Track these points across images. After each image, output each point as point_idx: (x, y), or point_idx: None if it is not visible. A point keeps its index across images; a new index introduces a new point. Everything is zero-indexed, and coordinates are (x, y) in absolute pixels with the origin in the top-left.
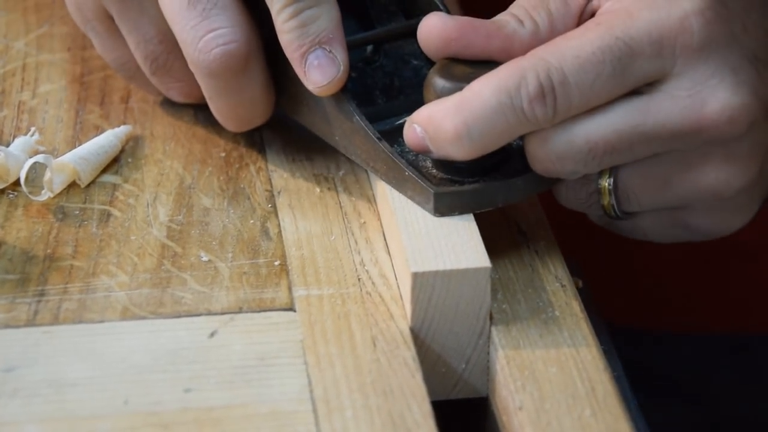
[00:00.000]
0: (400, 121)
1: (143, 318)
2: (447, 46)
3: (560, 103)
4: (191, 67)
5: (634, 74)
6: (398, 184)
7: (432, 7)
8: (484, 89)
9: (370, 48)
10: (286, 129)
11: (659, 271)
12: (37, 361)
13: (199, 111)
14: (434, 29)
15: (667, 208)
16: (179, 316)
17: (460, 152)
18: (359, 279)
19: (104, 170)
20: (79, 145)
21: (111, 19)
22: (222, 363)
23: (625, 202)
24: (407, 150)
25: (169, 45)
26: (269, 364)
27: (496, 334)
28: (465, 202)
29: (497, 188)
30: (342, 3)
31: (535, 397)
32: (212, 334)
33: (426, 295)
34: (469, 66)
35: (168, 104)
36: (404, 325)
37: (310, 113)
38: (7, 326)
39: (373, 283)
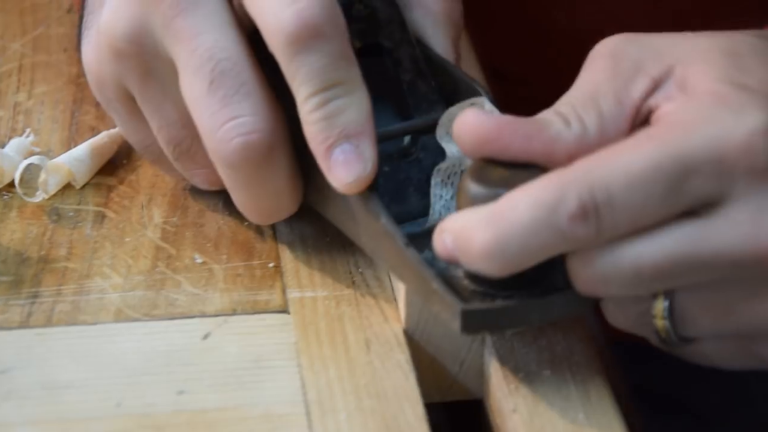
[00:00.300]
0: (434, 223)
1: (137, 320)
2: (483, 147)
3: (604, 224)
4: (211, 157)
5: (689, 195)
6: (425, 296)
7: (475, 94)
8: (520, 203)
9: (407, 139)
10: None
11: None
12: (31, 363)
13: None
14: (470, 128)
15: (734, 336)
16: (173, 318)
17: (491, 269)
18: (353, 281)
19: (99, 172)
20: (74, 147)
21: (133, 100)
22: (216, 365)
23: (682, 327)
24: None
25: (192, 130)
26: (263, 366)
27: (490, 336)
28: (495, 321)
29: (532, 307)
30: (378, 90)
31: (528, 400)
32: (206, 336)
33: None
34: (508, 169)
35: None
36: (398, 328)
37: (335, 209)
38: (0, 328)
39: (367, 285)
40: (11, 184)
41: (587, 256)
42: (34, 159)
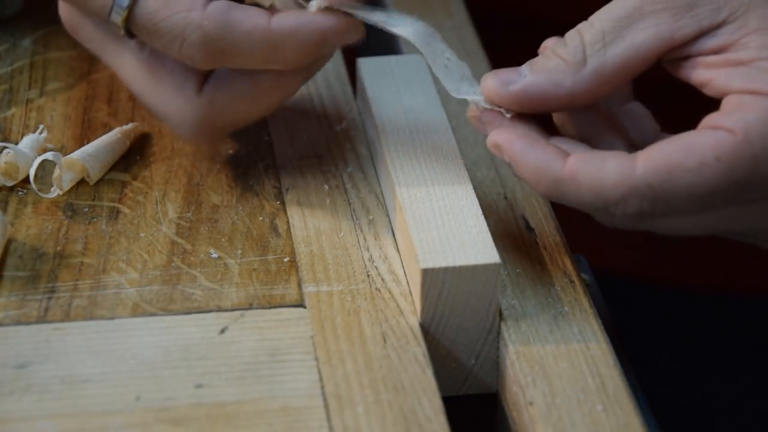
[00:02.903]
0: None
1: (154, 314)
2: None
3: (654, 227)
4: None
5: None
6: None
7: None
8: (584, 188)
9: None
10: (293, 127)
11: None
12: (49, 357)
13: None
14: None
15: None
16: (189, 313)
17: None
18: (368, 275)
19: (113, 168)
20: (87, 143)
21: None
22: (233, 359)
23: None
24: None
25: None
26: (280, 360)
27: (506, 329)
28: None
29: None
30: None
31: (545, 393)
32: (223, 331)
33: (436, 291)
34: None
35: None
36: (414, 321)
37: None
38: (18, 323)
39: (382, 279)
40: (26, 181)
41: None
42: (48, 155)
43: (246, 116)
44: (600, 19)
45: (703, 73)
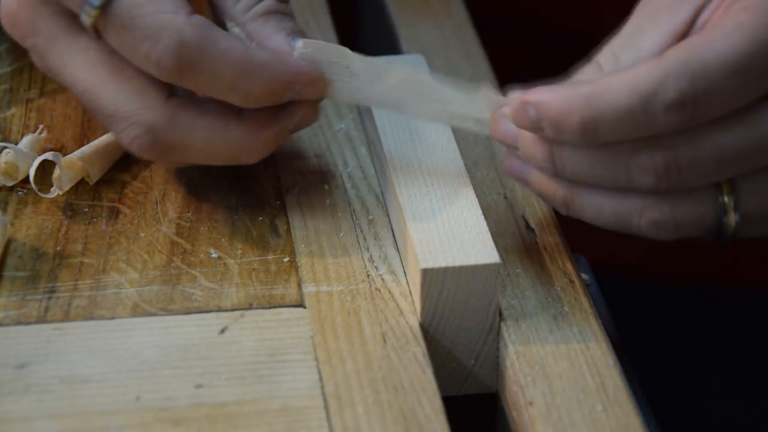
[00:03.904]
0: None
1: (154, 314)
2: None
3: (699, 113)
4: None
5: None
6: None
7: None
8: (618, 87)
9: None
10: None
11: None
12: (49, 357)
13: None
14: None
15: None
16: (189, 313)
17: (583, 143)
18: (368, 275)
19: (112, 168)
20: (87, 143)
21: None
22: (233, 359)
23: (746, 214)
24: None
25: None
26: (280, 360)
27: (506, 329)
28: None
29: None
30: None
31: (545, 393)
32: (222, 331)
33: (435, 291)
34: None
35: None
36: (414, 321)
37: None
38: (18, 323)
39: (382, 279)
40: (26, 181)
41: (670, 142)
42: (48, 155)
43: (197, 153)
44: (610, 43)
45: None
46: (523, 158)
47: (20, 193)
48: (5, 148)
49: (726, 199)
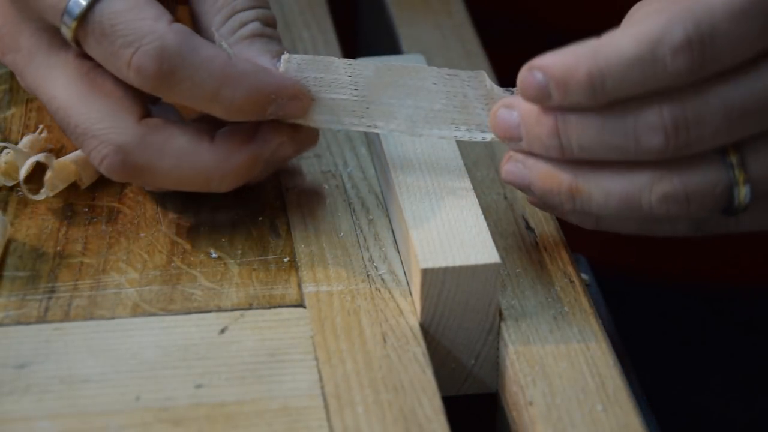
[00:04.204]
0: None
1: (154, 314)
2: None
3: (706, 57)
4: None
5: None
6: None
7: None
8: (623, 38)
9: None
10: None
11: (668, 267)
12: (49, 357)
13: None
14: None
15: None
16: (189, 313)
17: (590, 100)
18: (368, 275)
19: None
20: None
21: None
22: (233, 359)
23: (758, 185)
24: None
25: None
26: (280, 360)
27: (506, 329)
28: None
29: None
30: None
31: (545, 393)
32: (223, 331)
33: (435, 291)
34: None
35: None
36: (414, 321)
37: None
38: (18, 323)
39: (382, 279)
40: (26, 180)
41: (677, 96)
42: (40, 156)
43: (166, 175)
44: None
45: None
46: (526, 145)
47: (20, 193)
48: (5, 148)
49: (735, 168)
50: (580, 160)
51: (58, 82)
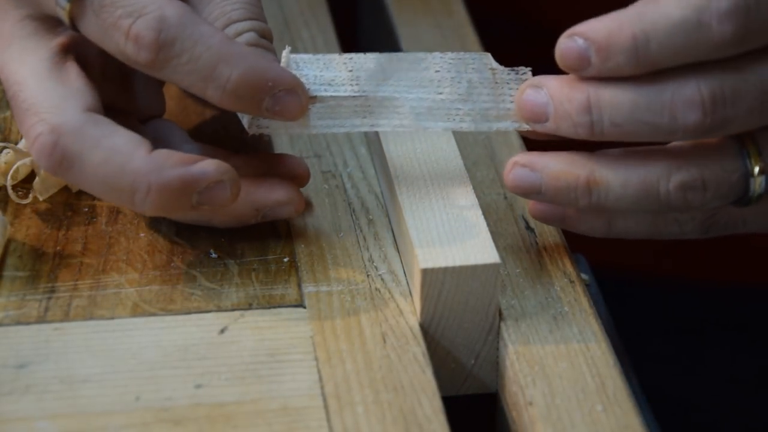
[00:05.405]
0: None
1: (153, 314)
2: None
3: (752, 26)
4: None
5: None
6: None
7: None
8: (669, 2)
9: None
10: None
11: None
12: (49, 357)
13: (206, 109)
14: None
15: None
16: (189, 313)
17: (629, 65)
18: (368, 275)
19: None
20: None
21: None
22: (233, 359)
23: None
24: None
25: None
26: (280, 360)
27: (506, 329)
28: None
29: None
30: None
31: (545, 393)
32: (222, 331)
33: (435, 291)
34: None
35: (174, 103)
36: (414, 321)
37: None
38: (18, 323)
39: (382, 279)
40: (26, 181)
41: (717, 72)
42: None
43: (92, 173)
44: None
45: None
46: (553, 125)
47: (20, 192)
48: (5, 148)
49: (752, 157)
50: (604, 141)
51: (26, 61)
